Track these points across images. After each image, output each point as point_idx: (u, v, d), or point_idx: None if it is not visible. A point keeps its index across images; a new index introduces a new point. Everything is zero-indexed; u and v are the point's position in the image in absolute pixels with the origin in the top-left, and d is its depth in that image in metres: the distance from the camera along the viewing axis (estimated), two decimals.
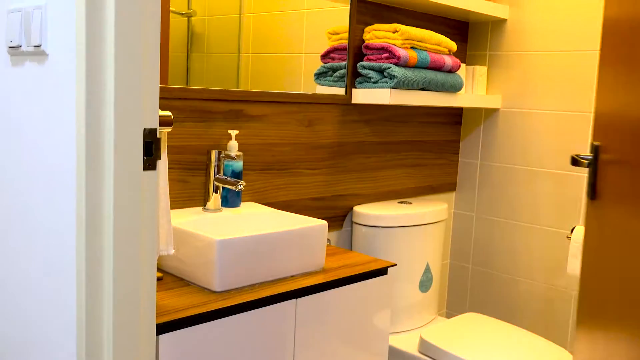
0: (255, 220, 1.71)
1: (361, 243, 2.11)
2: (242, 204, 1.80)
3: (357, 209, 2.12)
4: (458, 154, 2.58)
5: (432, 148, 2.44)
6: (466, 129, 2.56)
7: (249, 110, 1.80)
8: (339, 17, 2.05)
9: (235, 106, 1.76)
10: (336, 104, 2.05)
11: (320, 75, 2.04)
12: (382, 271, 1.67)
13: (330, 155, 2.05)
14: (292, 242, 1.53)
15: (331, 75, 2.06)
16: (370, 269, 1.64)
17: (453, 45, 2.16)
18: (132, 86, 1.01)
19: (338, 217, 2.12)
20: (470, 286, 2.59)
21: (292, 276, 1.54)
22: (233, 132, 1.72)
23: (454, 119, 2.53)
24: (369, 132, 2.18)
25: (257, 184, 1.86)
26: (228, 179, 1.65)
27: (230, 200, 1.74)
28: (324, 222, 1.61)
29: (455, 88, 2.18)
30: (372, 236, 2.09)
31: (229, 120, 1.76)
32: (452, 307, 2.66)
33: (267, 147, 1.86)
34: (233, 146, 1.73)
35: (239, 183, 1.61)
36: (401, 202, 2.24)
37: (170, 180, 1.65)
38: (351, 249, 2.18)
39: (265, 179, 1.87)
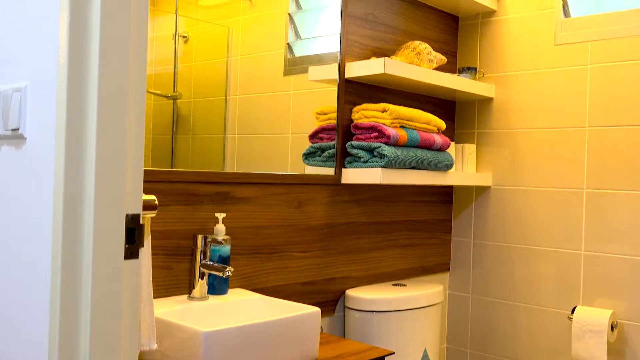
0: (244, 308, 1.62)
1: (355, 329, 2.01)
2: (230, 291, 1.71)
3: (350, 292, 2.04)
4: (450, 233, 2.52)
5: (424, 227, 2.38)
6: (458, 207, 2.52)
7: (237, 193, 1.74)
8: (326, 97, 2.03)
9: (222, 188, 1.71)
10: (326, 185, 2.00)
11: (309, 156, 2.01)
12: None
13: (321, 237, 1.99)
14: (283, 331, 1.44)
15: (320, 155, 2.02)
16: (367, 359, 1.54)
17: (442, 124, 2.15)
18: (114, 170, 0.95)
19: (330, 301, 2.03)
20: None
21: None
22: (220, 215, 1.66)
23: (445, 198, 2.49)
24: (359, 213, 2.12)
25: (245, 269, 1.77)
26: (215, 264, 1.57)
27: (217, 287, 1.65)
28: (317, 309, 1.52)
29: (445, 166, 2.15)
30: (367, 321, 1.99)
31: (216, 203, 1.69)
32: None
33: (256, 229, 1.79)
34: (220, 230, 1.65)
35: (227, 269, 1.53)
36: (395, 285, 2.16)
37: (153, 267, 1.56)
38: (345, 336, 2.08)
39: (254, 263, 1.79)
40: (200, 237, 1.59)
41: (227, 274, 1.53)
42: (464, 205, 2.50)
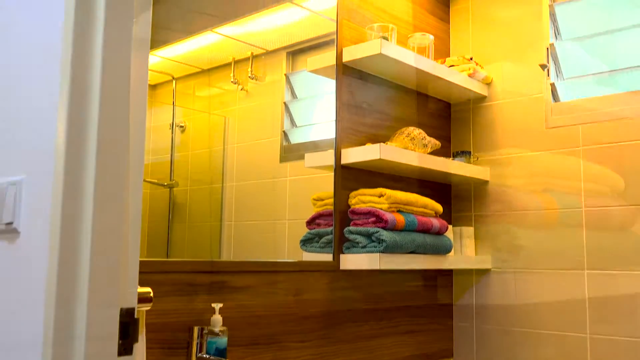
0: None
1: None
2: None
3: None
4: (452, 317, 2.47)
5: (425, 312, 2.33)
6: (458, 291, 2.48)
7: (233, 282, 1.71)
8: (323, 182, 2.04)
9: (218, 277, 1.68)
10: (324, 271, 1.97)
11: (306, 242, 1.99)
12: None
13: (320, 325, 1.94)
14: None
15: (317, 242, 2.01)
16: None
17: (439, 208, 2.15)
18: (110, 265, 0.93)
19: None
20: None
21: None
22: (217, 306, 1.62)
23: (444, 282, 2.45)
24: (359, 299, 2.08)
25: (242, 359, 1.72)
26: (211, 357, 1.52)
27: None
28: None
29: (445, 250, 2.13)
30: None
31: (212, 293, 1.66)
32: None
33: (254, 319, 1.75)
34: (217, 321, 1.61)
35: None
36: None
37: None
38: None
39: (252, 354, 1.74)
40: (196, 329, 1.55)
41: None
42: (464, 289, 2.46)
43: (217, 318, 1.62)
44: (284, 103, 2.00)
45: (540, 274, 2.27)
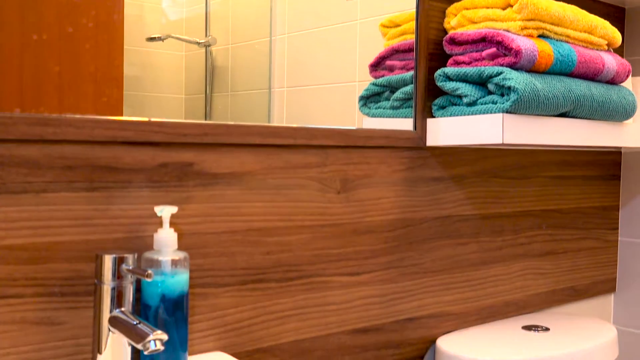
0: None
1: None
2: (199, 358, 0.85)
3: (444, 344, 1.12)
4: (617, 229, 1.53)
5: (574, 222, 1.41)
6: (630, 187, 1.52)
7: (208, 163, 0.87)
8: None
9: (175, 155, 0.84)
10: (398, 149, 1.09)
11: (369, 99, 1.10)
12: None
13: (388, 245, 1.08)
14: None
15: (388, 99, 1.11)
16: None
17: (616, 36, 1.17)
18: None
19: None
20: None
21: None
22: (164, 212, 0.80)
23: (608, 171, 1.49)
24: (461, 199, 1.19)
25: (232, 313, 0.91)
26: (142, 324, 0.71)
27: (162, 355, 0.80)
28: None
29: (623, 112, 1.17)
30: None
31: (161, 186, 0.84)
32: None
33: (254, 235, 0.92)
34: (164, 241, 0.80)
35: (154, 336, 0.67)
36: (528, 329, 1.22)
37: (15, 323, 0.73)
38: None
39: (251, 301, 0.92)
40: (108, 260, 0.73)
41: (153, 347, 0.67)
42: None
43: (166, 235, 0.80)
44: None
45: None
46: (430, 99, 1.13)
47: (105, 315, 0.73)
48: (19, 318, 0.74)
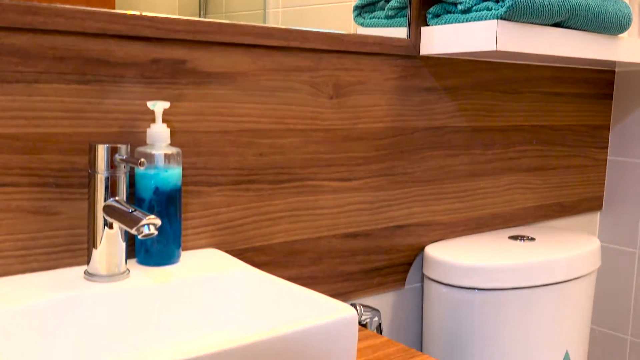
0: (202, 301, 0.78)
1: (441, 317, 1.14)
2: (190, 255, 0.87)
3: (432, 251, 1.15)
4: (607, 148, 1.55)
5: (563, 139, 1.42)
6: (622, 106, 1.52)
7: (201, 62, 0.87)
8: None
9: (168, 51, 0.84)
10: (391, 57, 1.09)
11: (363, 9, 1.09)
12: None
13: (380, 153, 1.09)
14: None
15: (383, 8, 1.10)
16: None
17: None
18: None
19: (396, 266, 1.16)
20: None
21: None
22: (157, 106, 0.80)
23: (601, 90, 1.50)
24: (453, 111, 1.20)
25: (225, 212, 0.93)
26: (137, 211, 0.72)
27: (156, 249, 0.82)
28: (351, 313, 0.67)
29: (617, 25, 1.16)
30: (462, 305, 1.11)
31: (153, 82, 0.84)
32: None
33: (246, 136, 0.93)
34: (157, 135, 0.80)
35: (147, 220, 0.69)
36: (515, 238, 1.25)
37: (11, 211, 0.75)
38: (422, 332, 1.22)
39: (244, 201, 0.94)
40: (101, 149, 0.74)
41: (147, 230, 0.69)
42: (633, 103, 1.50)
43: (159, 130, 0.81)
44: None
45: None
46: (425, 7, 1.12)
47: (100, 204, 0.75)
48: (15, 206, 0.75)
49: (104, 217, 0.75)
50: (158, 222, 0.69)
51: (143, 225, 0.69)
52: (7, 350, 0.65)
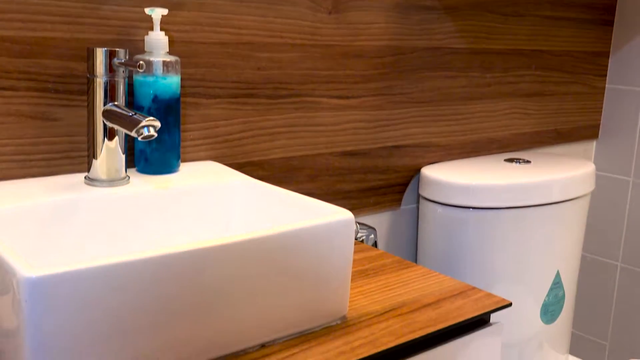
0: (202, 208, 0.80)
1: (436, 236, 1.16)
2: (188, 166, 0.88)
3: (429, 172, 1.16)
4: (605, 76, 1.54)
5: (562, 64, 1.42)
6: (622, 33, 1.51)
7: None
8: None
9: None
10: None
11: None
12: (482, 321, 0.73)
13: (378, 71, 1.09)
14: (273, 263, 0.61)
15: None
16: (459, 319, 0.70)
17: None
18: None
19: (392, 187, 1.17)
20: (618, 297, 1.59)
21: (263, 345, 0.62)
22: (156, 12, 0.79)
23: (602, 15, 1.48)
24: (453, 32, 1.19)
25: (223, 125, 0.93)
26: (137, 114, 0.73)
27: (155, 157, 0.82)
28: (348, 216, 0.68)
29: None
30: (457, 224, 1.13)
31: None
32: (594, 336, 1.68)
33: (245, 49, 0.92)
34: (156, 42, 0.80)
35: (147, 122, 0.69)
36: (510, 161, 1.26)
37: (10, 115, 0.75)
38: (417, 250, 1.24)
39: (242, 115, 0.94)
40: (100, 53, 0.74)
41: (146, 132, 0.69)
42: (633, 30, 1.49)
43: (157, 37, 0.80)
44: None
45: None
46: None
47: (99, 108, 0.75)
48: (14, 110, 0.75)
49: (103, 122, 0.75)
50: (157, 123, 0.70)
51: (143, 127, 0.69)
52: (10, 245, 0.67)
